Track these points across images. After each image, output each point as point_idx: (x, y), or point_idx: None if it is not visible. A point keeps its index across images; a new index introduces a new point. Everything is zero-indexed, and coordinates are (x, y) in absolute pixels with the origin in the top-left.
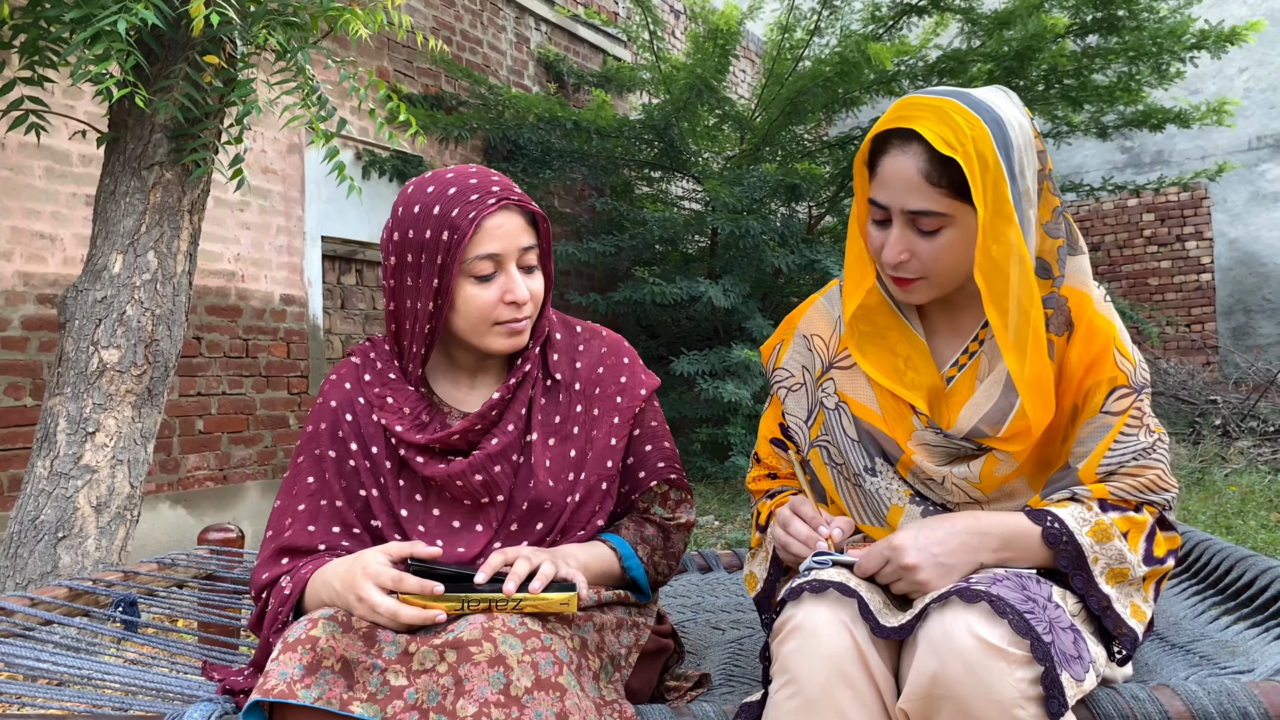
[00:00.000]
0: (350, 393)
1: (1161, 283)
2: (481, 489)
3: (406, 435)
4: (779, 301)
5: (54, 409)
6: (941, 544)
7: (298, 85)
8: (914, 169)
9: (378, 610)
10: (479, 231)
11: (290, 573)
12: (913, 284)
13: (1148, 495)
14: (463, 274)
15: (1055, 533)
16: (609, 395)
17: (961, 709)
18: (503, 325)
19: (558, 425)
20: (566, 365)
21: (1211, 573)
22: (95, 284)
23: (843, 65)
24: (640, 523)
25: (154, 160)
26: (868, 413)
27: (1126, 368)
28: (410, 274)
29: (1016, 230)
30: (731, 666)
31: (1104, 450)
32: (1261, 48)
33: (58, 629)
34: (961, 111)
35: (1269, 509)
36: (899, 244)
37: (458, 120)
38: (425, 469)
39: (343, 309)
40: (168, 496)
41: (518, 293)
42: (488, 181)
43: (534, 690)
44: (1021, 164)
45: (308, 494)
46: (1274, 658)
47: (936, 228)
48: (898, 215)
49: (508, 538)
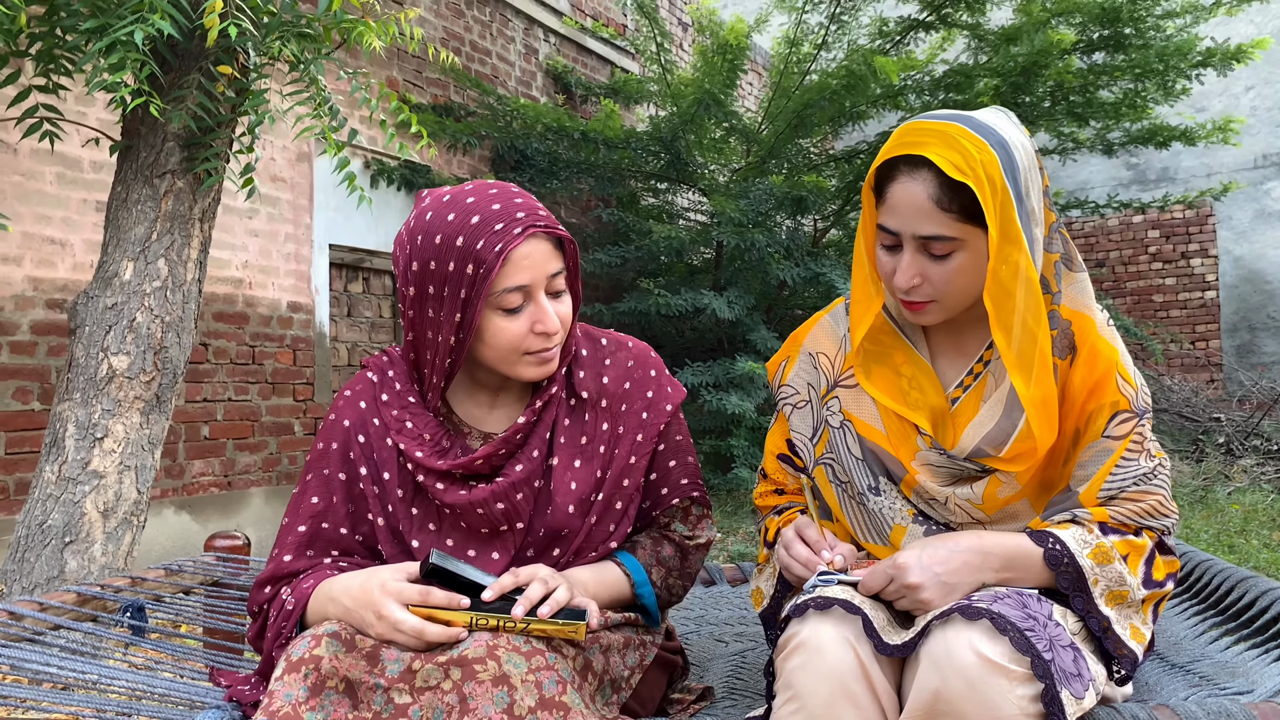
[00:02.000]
0: (365, 413)
1: (1166, 300)
2: (502, 517)
3: (427, 461)
4: (783, 314)
5: (63, 414)
6: (945, 563)
7: (310, 96)
8: (924, 195)
9: (401, 628)
10: (507, 264)
11: (291, 586)
12: (924, 307)
13: (1148, 520)
14: (490, 307)
15: (1057, 554)
16: (635, 411)
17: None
18: (533, 355)
19: (581, 446)
20: (592, 381)
21: (1212, 593)
22: (106, 290)
23: (849, 79)
24: (659, 541)
25: (166, 169)
26: (872, 432)
27: (1129, 392)
28: (431, 306)
29: (1024, 252)
30: (734, 680)
31: (1105, 474)
32: (1268, 66)
33: (65, 634)
34: (968, 136)
35: (1271, 528)
36: (911, 269)
37: (466, 128)
38: (445, 496)
39: (349, 317)
40: (172, 502)
41: (548, 324)
42: (511, 206)
43: (538, 710)
44: (1027, 185)
45: (310, 515)
46: (1273, 679)
47: (948, 251)
48: (909, 240)
49: (523, 564)
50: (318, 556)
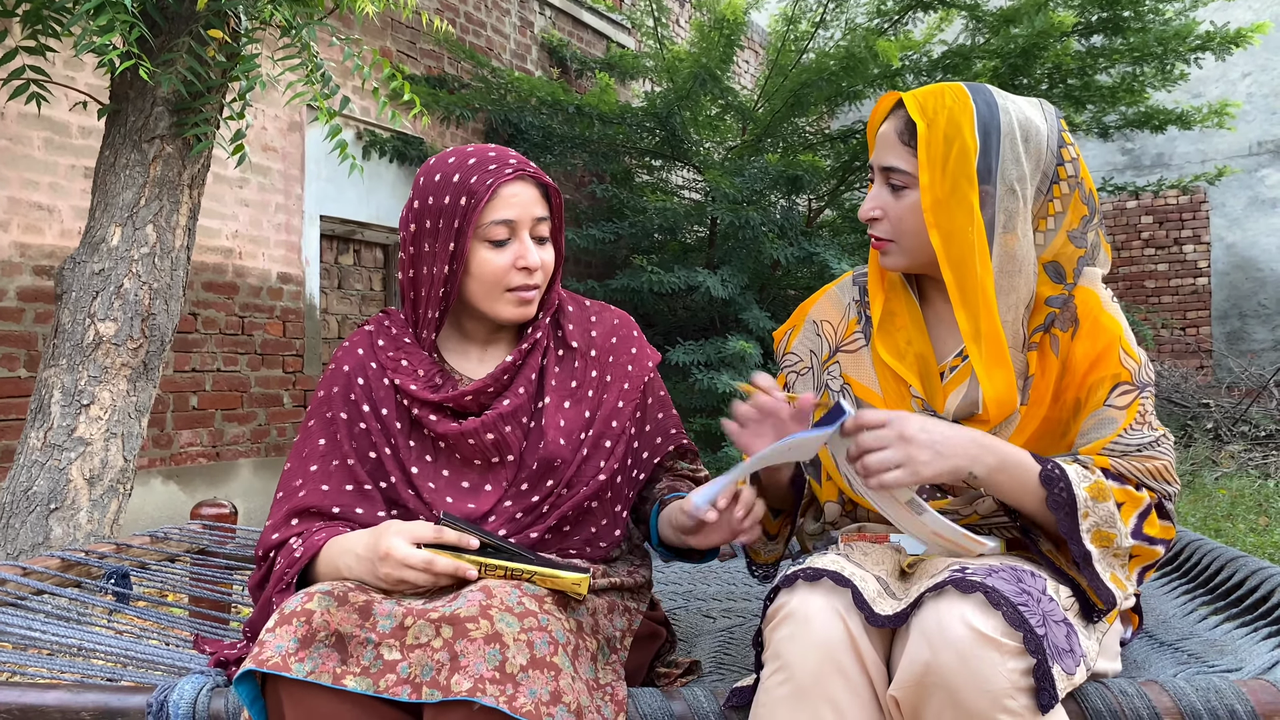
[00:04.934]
0: (363, 357)
1: (1158, 286)
2: (492, 448)
3: (420, 393)
4: (776, 294)
5: (49, 380)
6: (945, 436)
7: (301, 62)
8: (892, 129)
9: (409, 562)
10: (495, 197)
11: (302, 535)
12: (885, 245)
13: (1150, 480)
14: (478, 238)
15: (1053, 475)
16: (621, 363)
17: (952, 698)
18: (513, 292)
19: (572, 390)
20: (580, 335)
21: (1201, 572)
22: (93, 256)
23: (848, 60)
24: (678, 480)
25: (155, 133)
26: (869, 394)
27: (1131, 365)
28: (428, 239)
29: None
30: (722, 655)
31: (1110, 439)
32: (1265, 53)
33: (49, 599)
34: (955, 89)
35: (1258, 512)
36: (873, 200)
37: (460, 100)
38: (438, 427)
39: (340, 289)
40: (160, 472)
41: (530, 259)
42: (505, 155)
43: (529, 669)
44: (1007, 152)
45: (319, 455)
46: (1262, 656)
47: (902, 185)
48: (877, 173)
49: (517, 497)
50: (334, 490)
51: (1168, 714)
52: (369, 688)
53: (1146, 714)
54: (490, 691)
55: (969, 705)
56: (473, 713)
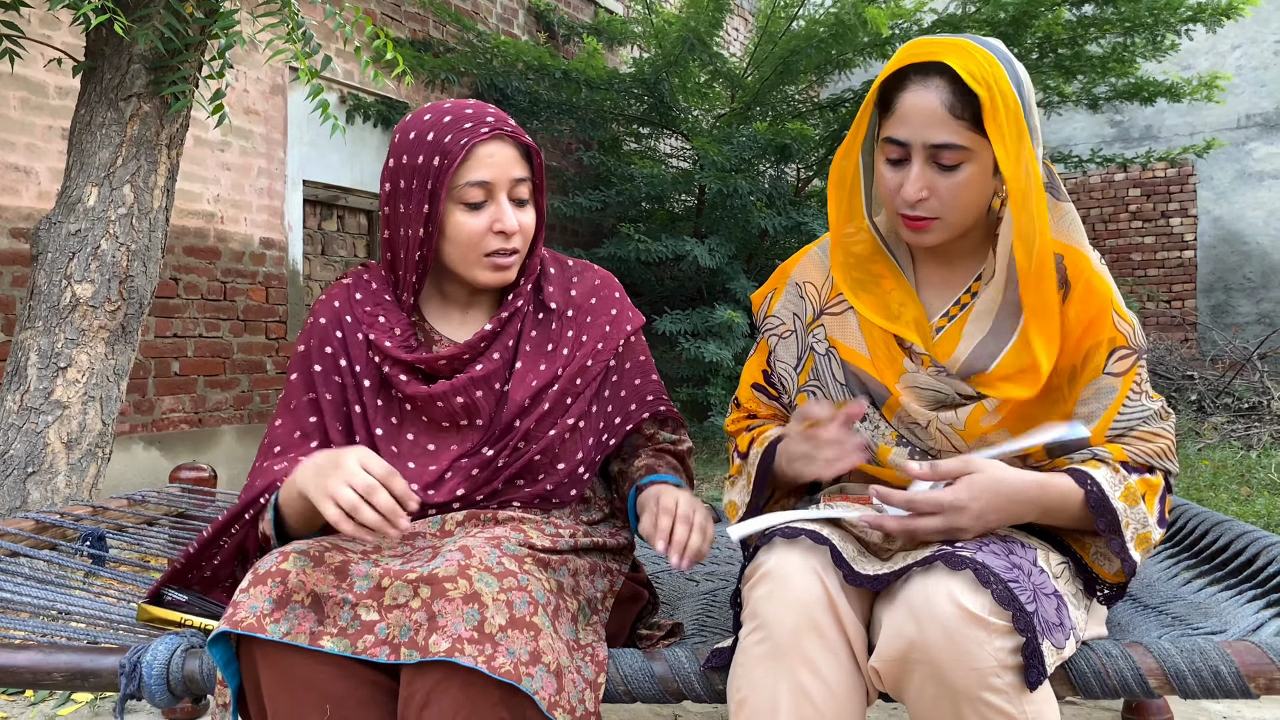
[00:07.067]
0: (339, 310)
1: (1144, 258)
2: (462, 411)
3: (394, 351)
4: (764, 264)
5: (25, 342)
6: (990, 505)
7: (282, 19)
8: (937, 101)
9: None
10: (470, 158)
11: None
12: (928, 225)
13: (1159, 461)
14: (453, 200)
15: (1098, 498)
16: (599, 324)
17: (936, 674)
18: (491, 257)
19: (546, 352)
20: (560, 295)
21: (1186, 537)
22: (69, 216)
23: (837, 27)
24: (659, 456)
25: (131, 91)
26: (856, 356)
27: (1125, 329)
28: (403, 200)
29: (1037, 163)
30: (704, 617)
31: (1114, 413)
32: (1255, 25)
33: (24, 562)
34: (977, 48)
35: (1240, 483)
36: (919, 180)
37: (445, 64)
38: (407, 388)
39: (323, 255)
40: (142, 438)
41: (506, 222)
42: (483, 112)
43: (508, 628)
44: (1030, 102)
45: (309, 409)
46: (1246, 619)
47: (958, 162)
48: (919, 150)
49: (474, 454)
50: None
51: (1152, 675)
52: (346, 649)
53: (1131, 676)
54: (469, 651)
55: (954, 683)
56: (451, 673)
